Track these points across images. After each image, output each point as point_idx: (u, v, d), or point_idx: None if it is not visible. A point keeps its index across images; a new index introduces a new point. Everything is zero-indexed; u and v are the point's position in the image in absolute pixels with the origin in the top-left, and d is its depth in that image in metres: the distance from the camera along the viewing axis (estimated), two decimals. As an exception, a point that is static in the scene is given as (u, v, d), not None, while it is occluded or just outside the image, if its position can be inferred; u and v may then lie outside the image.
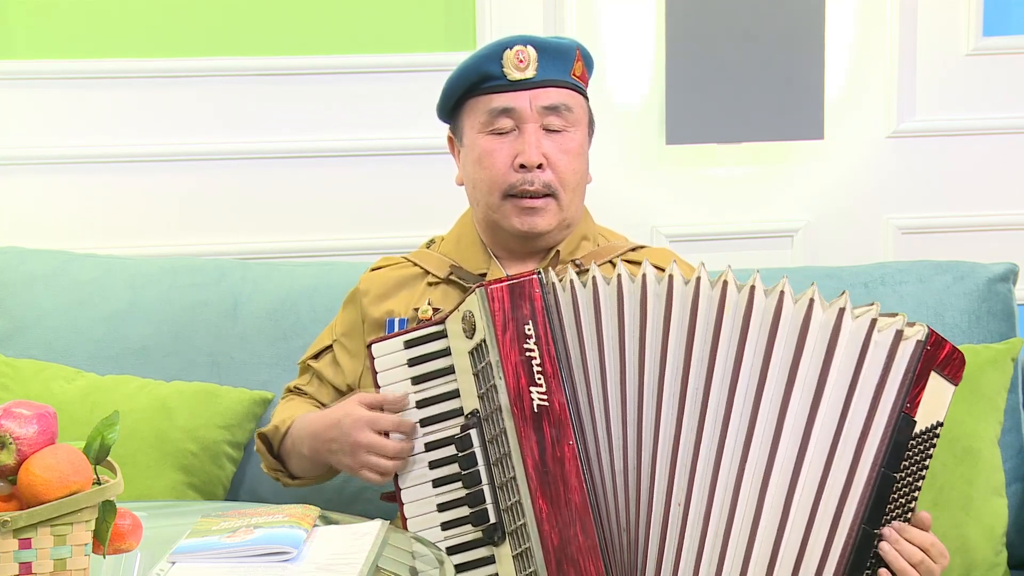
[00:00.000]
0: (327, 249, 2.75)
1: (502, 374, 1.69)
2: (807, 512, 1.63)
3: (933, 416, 1.65)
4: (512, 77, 1.93)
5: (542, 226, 1.95)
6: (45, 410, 1.37)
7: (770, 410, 1.64)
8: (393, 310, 2.01)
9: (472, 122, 1.97)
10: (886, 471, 1.63)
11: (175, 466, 2.25)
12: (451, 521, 1.75)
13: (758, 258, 2.74)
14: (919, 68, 2.79)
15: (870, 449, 1.63)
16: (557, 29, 2.72)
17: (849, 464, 1.63)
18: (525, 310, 1.70)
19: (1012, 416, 2.32)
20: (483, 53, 1.94)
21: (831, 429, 1.63)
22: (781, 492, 1.63)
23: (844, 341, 1.63)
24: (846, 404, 1.63)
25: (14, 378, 2.31)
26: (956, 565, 2.15)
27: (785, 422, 1.64)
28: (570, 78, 1.96)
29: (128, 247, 2.68)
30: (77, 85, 2.68)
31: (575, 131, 1.96)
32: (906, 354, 1.63)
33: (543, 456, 1.67)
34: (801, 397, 1.64)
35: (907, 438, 1.63)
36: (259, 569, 1.44)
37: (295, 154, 2.74)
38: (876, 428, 1.63)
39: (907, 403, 1.63)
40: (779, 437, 1.64)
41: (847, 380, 1.63)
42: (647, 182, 2.80)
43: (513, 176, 1.93)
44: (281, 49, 2.72)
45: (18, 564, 1.30)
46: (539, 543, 1.66)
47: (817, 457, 1.63)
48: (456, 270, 2.00)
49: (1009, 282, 2.41)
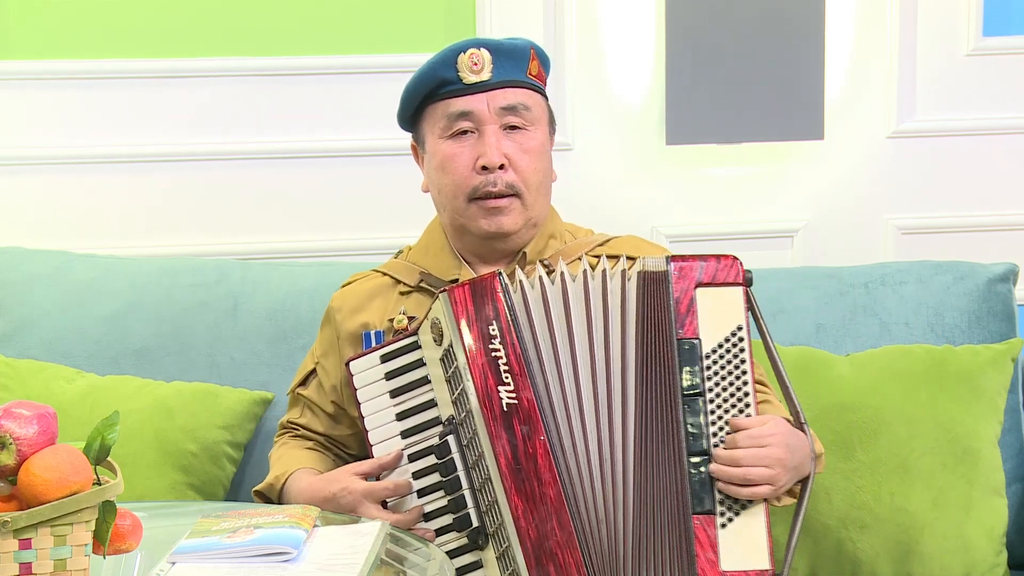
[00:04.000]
0: (327, 249, 2.75)
1: (470, 376, 1.70)
2: (651, 462, 1.71)
3: (726, 327, 1.71)
4: (468, 80, 1.93)
5: (508, 226, 1.95)
6: (45, 410, 1.37)
7: (628, 382, 1.73)
8: (368, 322, 2.01)
9: (432, 128, 1.97)
10: (688, 395, 1.69)
11: (175, 466, 2.25)
12: (438, 529, 1.76)
13: (758, 258, 2.73)
14: (919, 68, 2.79)
15: (669, 383, 1.70)
16: (557, 29, 2.72)
17: (663, 405, 1.70)
18: (488, 310, 1.71)
19: (1012, 416, 2.32)
20: (437, 59, 1.95)
21: (645, 383, 1.72)
22: (646, 452, 1.71)
23: (594, 298, 1.73)
24: (641, 355, 1.72)
25: (14, 378, 2.31)
26: (956, 565, 2.16)
27: (620, 390, 1.72)
28: (527, 77, 1.96)
29: (128, 247, 2.68)
30: (77, 85, 2.68)
31: (535, 130, 1.96)
32: (632, 290, 1.72)
33: (515, 453, 1.68)
34: (627, 363, 1.73)
35: (696, 358, 1.69)
36: (259, 569, 1.44)
37: (295, 154, 2.74)
38: (665, 361, 1.71)
39: (678, 329, 1.70)
40: (637, 402, 1.72)
41: (602, 328, 1.73)
42: (647, 182, 2.80)
43: (476, 178, 1.93)
44: (281, 49, 2.72)
45: (18, 564, 1.30)
46: (518, 540, 1.66)
47: (643, 411, 1.72)
48: (426, 277, 2.00)
49: (1009, 282, 2.41)
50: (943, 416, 2.21)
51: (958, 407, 2.22)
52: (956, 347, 2.31)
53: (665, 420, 1.70)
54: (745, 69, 2.70)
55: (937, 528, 2.16)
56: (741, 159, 2.81)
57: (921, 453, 2.19)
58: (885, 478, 2.17)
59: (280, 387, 2.34)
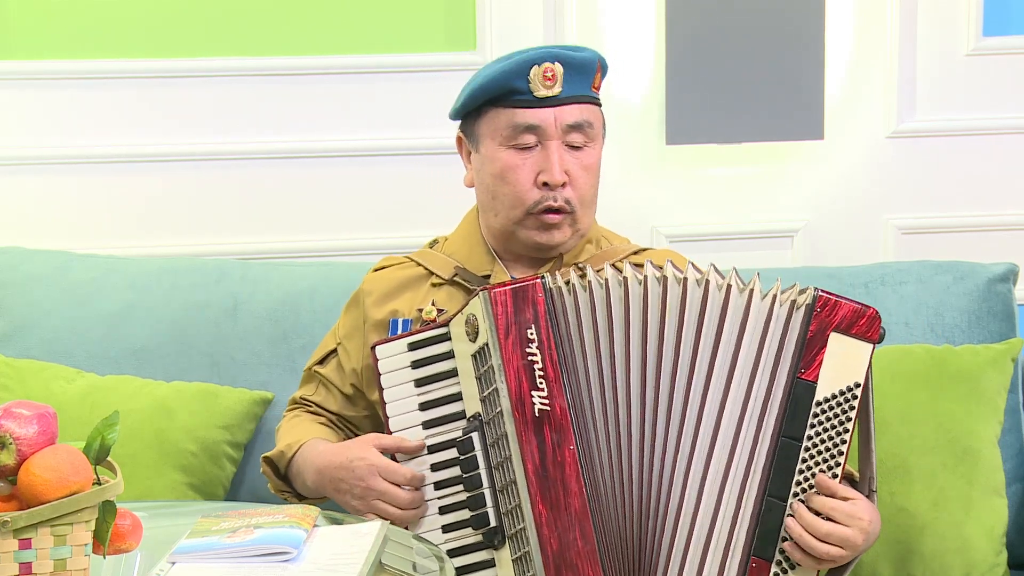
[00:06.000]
0: (327, 249, 2.75)
1: (504, 378, 1.69)
2: (717, 487, 1.68)
3: (844, 379, 1.68)
4: (539, 94, 1.91)
5: (559, 239, 1.95)
6: (45, 410, 1.37)
7: (713, 400, 1.70)
8: (397, 310, 2.01)
9: (493, 133, 1.94)
10: (786, 438, 1.67)
11: (175, 466, 2.25)
12: (452, 524, 1.75)
13: (758, 258, 2.74)
14: (919, 68, 2.79)
15: (770, 419, 1.68)
16: (557, 29, 2.72)
17: (753, 436, 1.68)
18: (528, 314, 1.70)
19: (1012, 416, 2.32)
20: (510, 68, 1.91)
21: (739, 405, 1.69)
22: (717, 476, 1.68)
23: (752, 321, 1.69)
24: (751, 379, 1.69)
25: (14, 378, 2.31)
26: (956, 565, 2.16)
27: (705, 407, 1.69)
28: (591, 92, 1.96)
29: (128, 247, 2.68)
30: (77, 85, 2.68)
31: (594, 147, 1.97)
32: (798, 321, 1.68)
33: (543, 460, 1.67)
34: (719, 381, 1.69)
35: (808, 403, 1.67)
36: (259, 569, 1.44)
37: (295, 154, 2.73)
38: (774, 397, 1.68)
39: (801, 368, 1.67)
40: (721, 424, 1.69)
41: (752, 356, 1.69)
42: (647, 182, 2.80)
43: (536, 193, 1.92)
44: (281, 49, 2.72)
45: (18, 564, 1.30)
46: (538, 547, 1.66)
47: (728, 435, 1.69)
48: (460, 271, 2.00)
49: (1009, 282, 2.41)
50: (943, 416, 2.21)
51: (958, 407, 2.22)
52: (956, 347, 2.31)
53: (738, 449, 1.68)
54: (745, 69, 2.70)
55: (937, 528, 2.16)
56: (741, 159, 2.81)
57: (921, 453, 2.19)
58: (885, 478, 2.17)
59: (280, 387, 2.34)
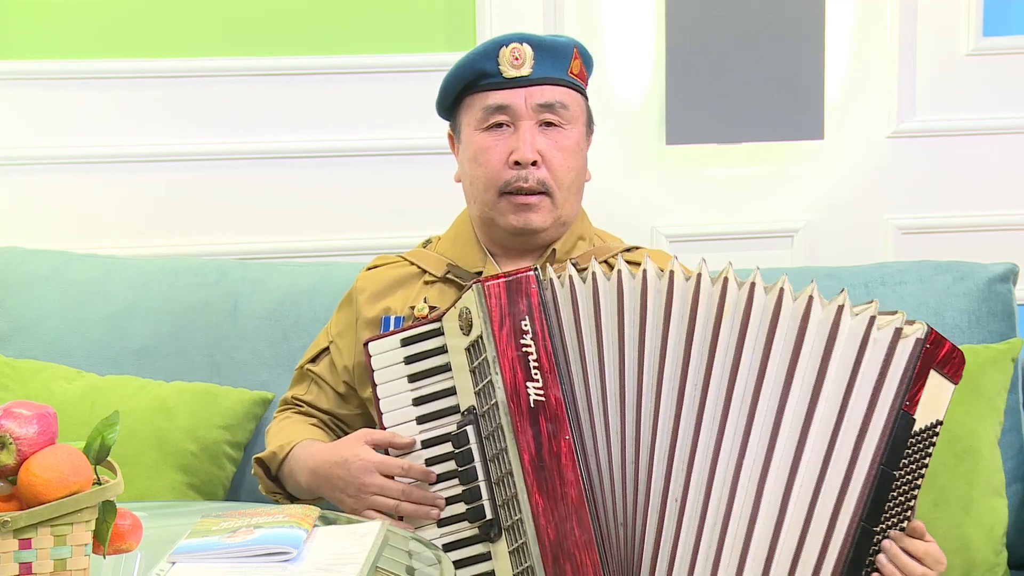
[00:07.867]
0: (327, 249, 2.75)
1: (498, 369, 1.69)
2: (804, 509, 1.63)
3: (932, 415, 1.66)
4: (508, 75, 1.93)
5: (536, 222, 1.95)
6: (45, 410, 1.37)
7: (768, 407, 1.64)
8: (390, 308, 2.02)
9: (468, 119, 1.98)
10: (885, 468, 1.63)
11: (175, 466, 2.25)
12: (448, 518, 1.75)
13: (758, 258, 2.74)
14: (919, 68, 2.79)
15: (869, 446, 1.63)
16: (557, 29, 2.72)
17: (847, 461, 1.63)
18: (522, 305, 1.70)
19: (1012, 416, 2.32)
20: (479, 51, 1.95)
21: (829, 426, 1.63)
22: (779, 488, 1.63)
23: (843, 338, 1.64)
24: (844, 401, 1.63)
25: (14, 378, 2.31)
26: (956, 565, 2.15)
27: (783, 419, 1.64)
28: (567, 76, 1.96)
29: (128, 247, 2.68)
30: (77, 85, 2.68)
31: (571, 129, 1.96)
32: (905, 352, 1.63)
33: (539, 451, 1.67)
34: (799, 394, 1.64)
35: (906, 436, 1.63)
36: (259, 569, 1.44)
37: (295, 154, 2.74)
38: (875, 425, 1.63)
39: (906, 401, 1.63)
40: (777, 434, 1.64)
41: (845, 377, 1.63)
42: (647, 182, 2.80)
43: (508, 173, 1.94)
44: (281, 49, 2.72)
45: (18, 564, 1.30)
46: (535, 538, 1.66)
47: (815, 454, 1.63)
48: (453, 268, 2.01)
49: (1009, 282, 2.42)
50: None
51: (958, 407, 2.22)
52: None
53: (829, 468, 1.63)
54: (745, 69, 2.70)
55: (937, 528, 2.16)
56: (741, 159, 2.81)
57: (921, 453, 2.19)
58: (885, 478, 2.17)
59: (280, 387, 2.34)
